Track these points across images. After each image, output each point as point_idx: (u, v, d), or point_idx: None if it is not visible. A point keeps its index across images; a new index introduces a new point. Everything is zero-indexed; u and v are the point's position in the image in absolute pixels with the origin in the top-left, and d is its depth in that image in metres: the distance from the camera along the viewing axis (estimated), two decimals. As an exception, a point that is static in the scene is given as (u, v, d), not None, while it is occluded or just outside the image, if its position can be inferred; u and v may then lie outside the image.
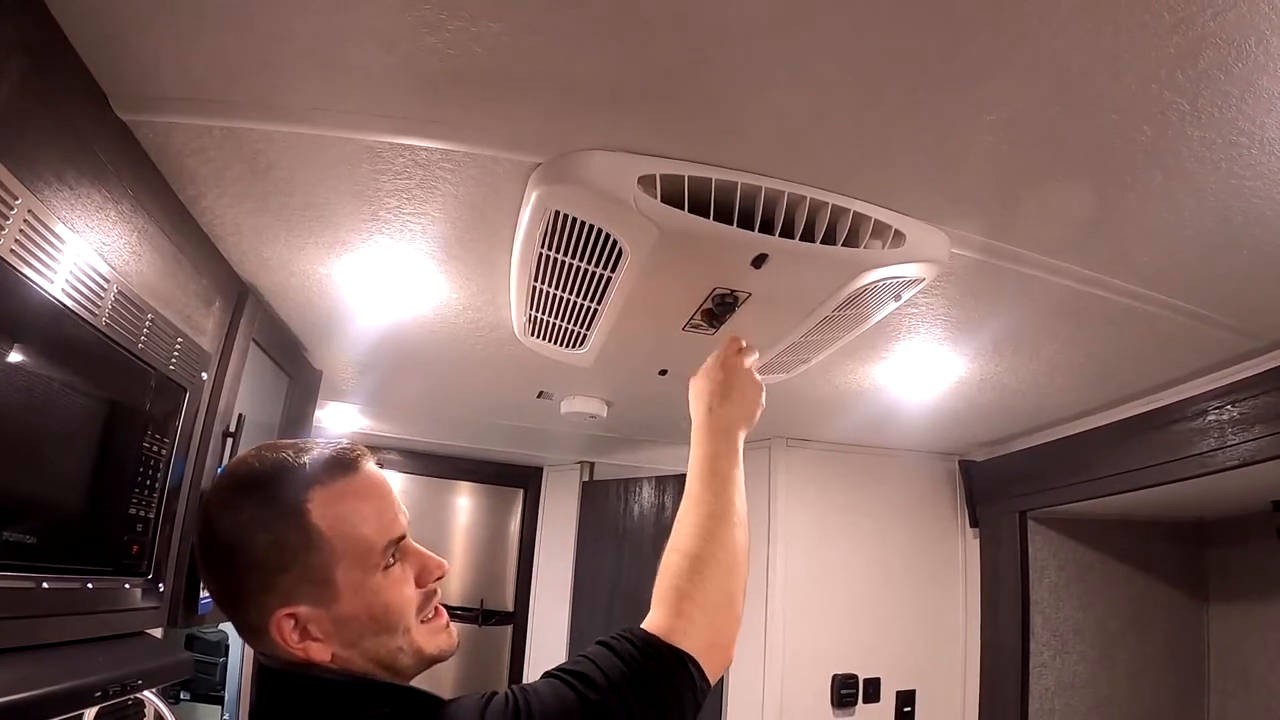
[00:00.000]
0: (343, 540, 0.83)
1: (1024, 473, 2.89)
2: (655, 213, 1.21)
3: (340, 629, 0.83)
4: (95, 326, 1.18)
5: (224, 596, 0.86)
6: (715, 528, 1.05)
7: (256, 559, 0.82)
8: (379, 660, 0.85)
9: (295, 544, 0.82)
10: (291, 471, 0.85)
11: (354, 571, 0.83)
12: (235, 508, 0.83)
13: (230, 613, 0.86)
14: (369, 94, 1.11)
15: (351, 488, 0.86)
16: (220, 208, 1.45)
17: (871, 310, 1.53)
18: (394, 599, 0.86)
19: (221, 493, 0.86)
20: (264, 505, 0.83)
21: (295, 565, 0.82)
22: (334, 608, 0.83)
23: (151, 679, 1.49)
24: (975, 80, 0.99)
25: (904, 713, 2.99)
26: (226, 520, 0.83)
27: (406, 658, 0.87)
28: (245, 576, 0.82)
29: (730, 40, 0.95)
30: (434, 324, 1.97)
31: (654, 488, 3.60)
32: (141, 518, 1.42)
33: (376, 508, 0.87)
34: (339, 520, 0.84)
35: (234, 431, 1.76)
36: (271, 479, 0.85)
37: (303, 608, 0.82)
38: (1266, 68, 0.93)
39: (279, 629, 0.81)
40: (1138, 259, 1.44)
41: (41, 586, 1.14)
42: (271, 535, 0.82)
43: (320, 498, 0.84)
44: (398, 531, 0.88)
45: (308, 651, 0.82)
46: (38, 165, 1.01)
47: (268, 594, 0.82)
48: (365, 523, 0.85)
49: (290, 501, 0.83)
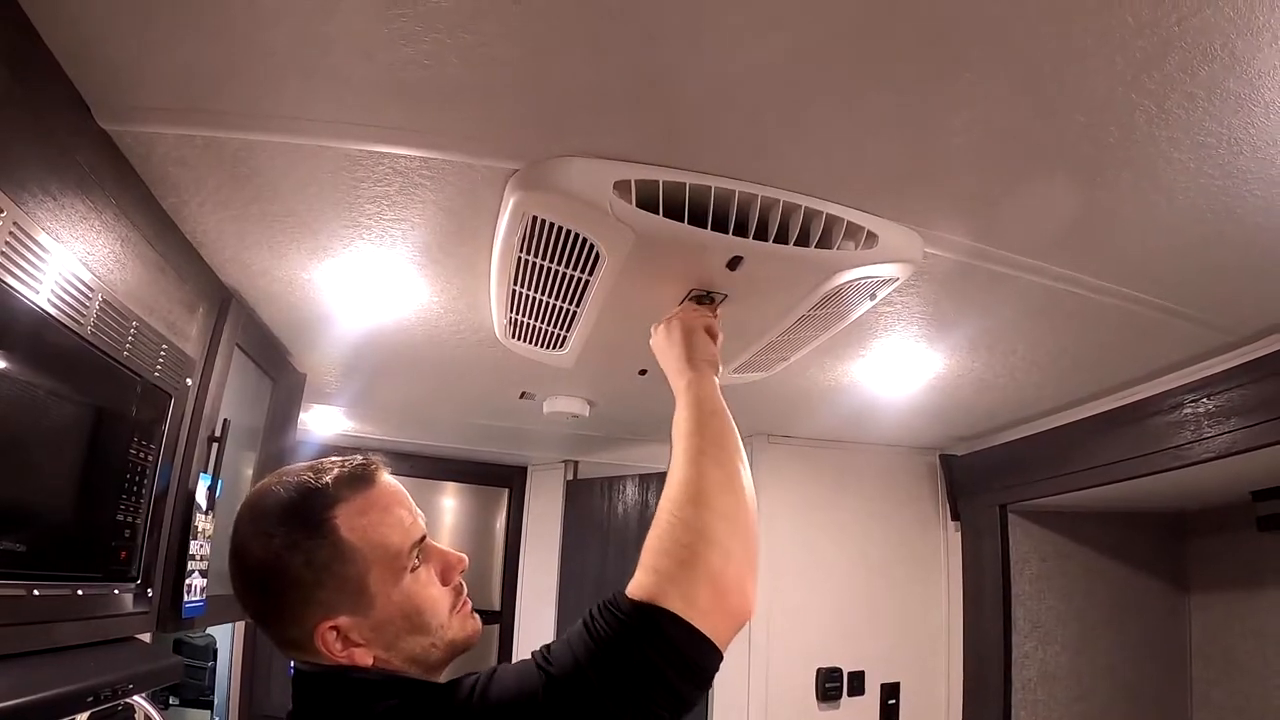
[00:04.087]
0: (372, 549, 0.88)
1: (1004, 466, 2.93)
2: (631, 217, 1.23)
3: (379, 633, 0.88)
4: (80, 335, 1.19)
5: (265, 617, 0.90)
6: (701, 462, 1.02)
7: (293, 578, 0.86)
8: (413, 657, 0.90)
9: (328, 559, 0.86)
10: (315, 492, 0.89)
11: (385, 577, 0.88)
12: (266, 534, 0.87)
13: (273, 631, 0.90)
14: (348, 103, 1.13)
15: (372, 500, 0.91)
16: (202, 215, 1.46)
17: (847, 309, 1.56)
18: (424, 600, 0.91)
19: (250, 522, 0.90)
20: (294, 528, 0.87)
21: (330, 579, 0.86)
22: (371, 614, 0.87)
23: (142, 683, 1.50)
24: (941, 84, 1.02)
25: (889, 705, 3.03)
26: (259, 547, 0.88)
27: (438, 651, 0.92)
28: (285, 596, 0.87)
29: (701, 50, 0.98)
30: (416, 327, 1.99)
31: (637, 485, 3.64)
32: (129, 524, 1.43)
33: (397, 515, 0.92)
34: (366, 531, 0.88)
35: (219, 436, 1.77)
36: (297, 502, 0.89)
37: (343, 618, 0.86)
38: (1232, 70, 0.96)
39: (323, 641, 0.86)
40: (1111, 257, 1.47)
41: (33, 594, 1.16)
42: (305, 555, 0.86)
43: (345, 513, 0.89)
44: (418, 534, 0.93)
45: (352, 658, 0.87)
46: (21, 176, 1.03)
47: (308, 609, 0.86)
48: (390, 530, 0.90)
49: (318, 520, 0.87)
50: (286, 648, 0.90)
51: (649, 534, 0.93)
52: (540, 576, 4.06)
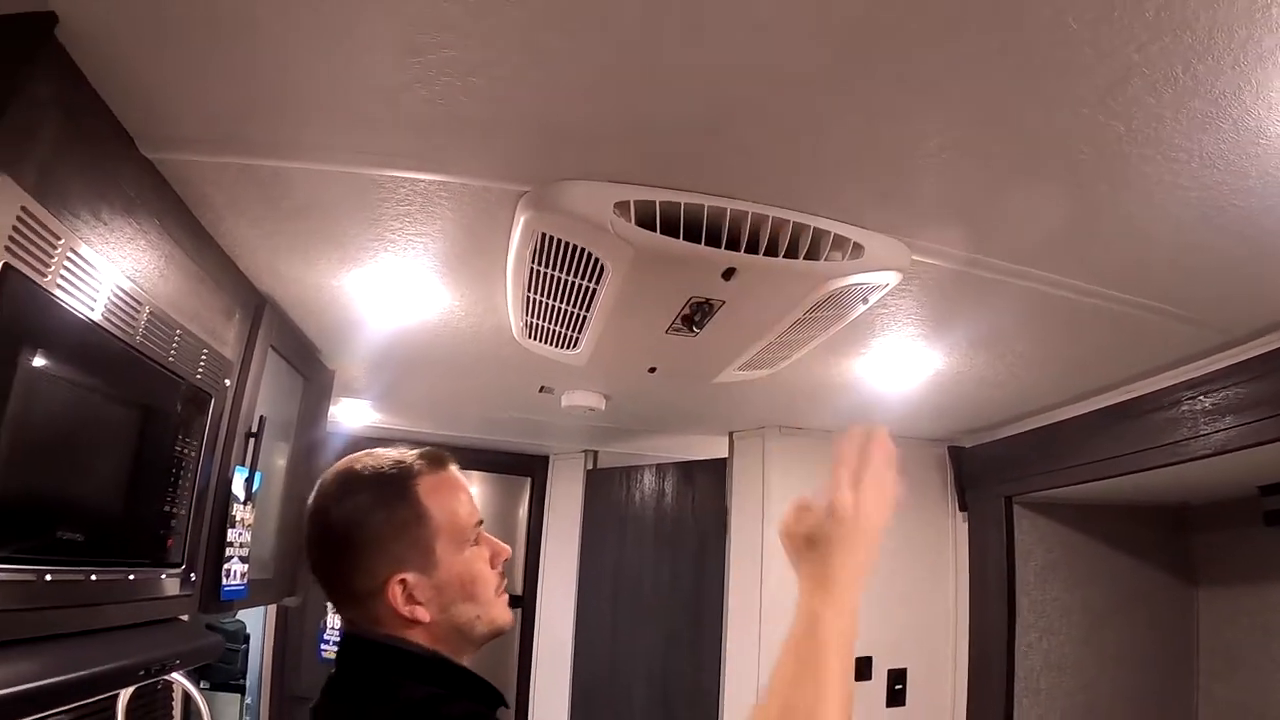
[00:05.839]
0: (443, 517, 1.03)
1: (1008, 459, 2.96)
2: (630, 234, 1.33)
3: (438, 595, 1.00)
4: (130, 345, 1.31)
5: (339, 569, 1.02)
6: None
7: (373, 533, 1.00)
8: (460, 626, 1.02)
9: (408, 518, 1.01)
10: (399, 464, 1.05)
11: (450, 545, 1.02)
12: (352, 494, 1.02)
13: (342, 583, 1.02)
14: (370, 135, 1.23)
15: (444, 479, 1.06)
16: (238, 230, 1.58)
17: (842, 312, 1.65)
18: (480, 571, 1.05)
19: (338, 486, 1.04)
20: (378, 491, 1.02)
21: (406, 535, 1.00)
22: (434, 575, 1.00)
23: (187, 659, 1.63)
24: (914, 110, 1.09)
25: (895, 690, 3.08)
26: (344, 507, 1.01)
27: (482, 625, 1.04)
28: (364, 549, 1.00)
29: (692, 86, 1.06)
30: (439, 328, 2.09)
31: (654, 475, 3.72)
32: (174, 514, 1.54)
33: (463, 496, 1.08)
34: (440, 501, 1.03)
35: (256, 432, 1.88)
36: (383, 471, 1.04)
37: (410, 574, 0.99)
38: (1197, 92, 1.00)
39: (392, 594, 0.98)
40: (1097, 264, 1.53)
41: (90, 578, 1.27)
42: (386, 512, 1.00)
43: (425, 483, 1.04)
44: (478, 517, 1.08)
45: (414, 614, 0.99)
46: (74, 205, 1.14)
47: (383, 562, 0.99)
48: (459, 506, 1.05)
49: (401, 485, 1.03)
50: (350, 602, 1.02)
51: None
52: (561, 562, 4.15)
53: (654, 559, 3.62)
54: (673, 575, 3.54)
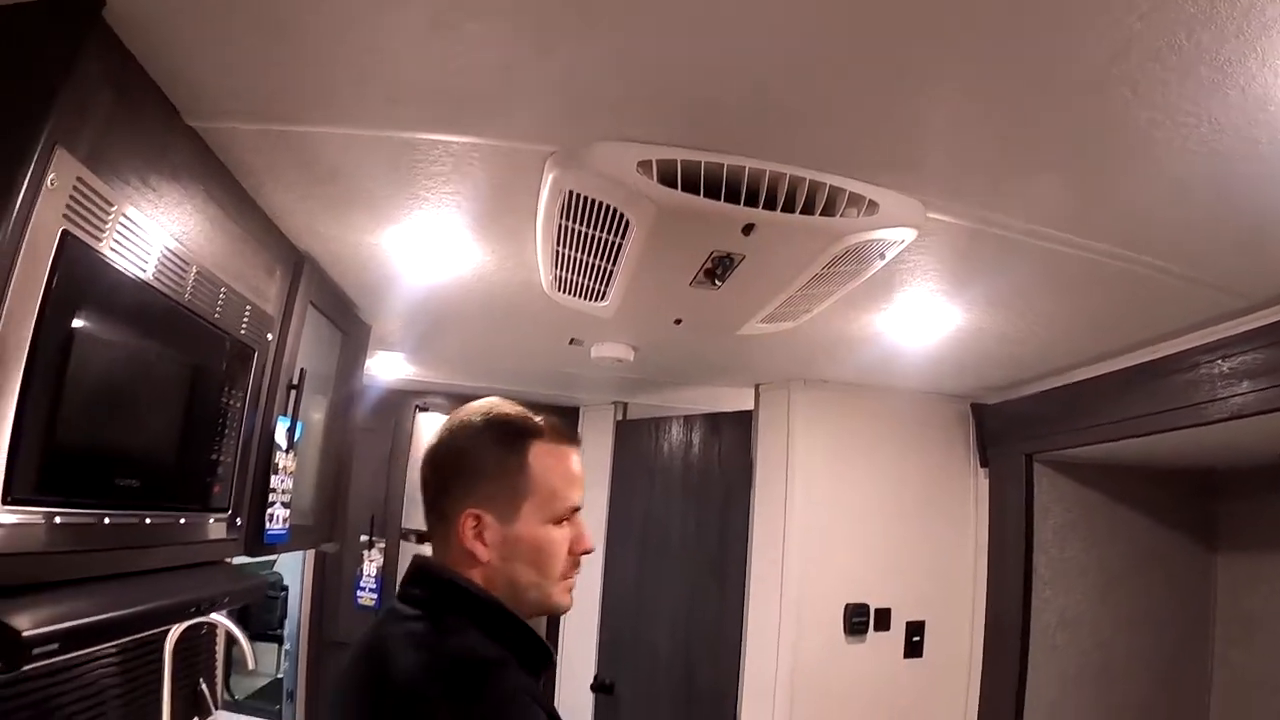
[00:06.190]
0: (541, 482, 1.11)
1: (1030, 417, 2.97)
2: (653, 192, 1.38)
3: (504, 546, 1.09)
4: (179, 303, 1.39)
5: (437, 489, 1.13)
6: None
7: (476, 465, 1.10)
8: (516, 583, 1.10)
9: (510, 467, 1.10)
10: (528, 420, 1.14)
11: (537, 510, 1.10)
12: (479, 429, 1.12)
13: (434, 503, 1.14)
14: (403, 102, 1.29)
15: (562, 454, 1.15)
16: (278, 193, 1.66)
17: (859, 268, 1.69)
18: (555, 548, 1.12)
19: (470, 418, 1.15)
20: (500, 433, 1.12)
21: (501, 481, 1.10)
22: (509, 528, 1.09)
23: (235, 598, 1.74)
24: (925, 74, 1.12)
25: (913, 642, 3.14)
26: (468, 434, 1.13)
27: (535, 594, 1.12)
28: (462, 477, 1.10)
29: (711, 50, 1.10)
30: (471, 283, 2.16)
31: (682, 426, 3.76)
32: (221, 462, 1.64)
33: (571, 476, 1.15)
34: (546, 469, 1.12)
35: (297, 384, 1.97)
36: (513, 419, 1.14)
37: (487, 516, 1.08)
38: (1202, 59, 1.01)
39: (463, 522, 1.08)
40: (1110, 224, 1.54)
41: (145, 522, 1.37)
42: (497, 454, 1.10)
43: (541, 447, 1.12)
44: (578, 501, 1.15)
45: (474, 548, 1.08)
46: (125, 173, 1.21)
47: (470, 493, 1.09)
48: (561, 483, 1.13)
49: (519, 437, 1.12)
50: (435, 523, 1.14)
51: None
52: (591, 512, 4.13)
53: (681, 509, 3.67)
54: (698, 526, 3.58)
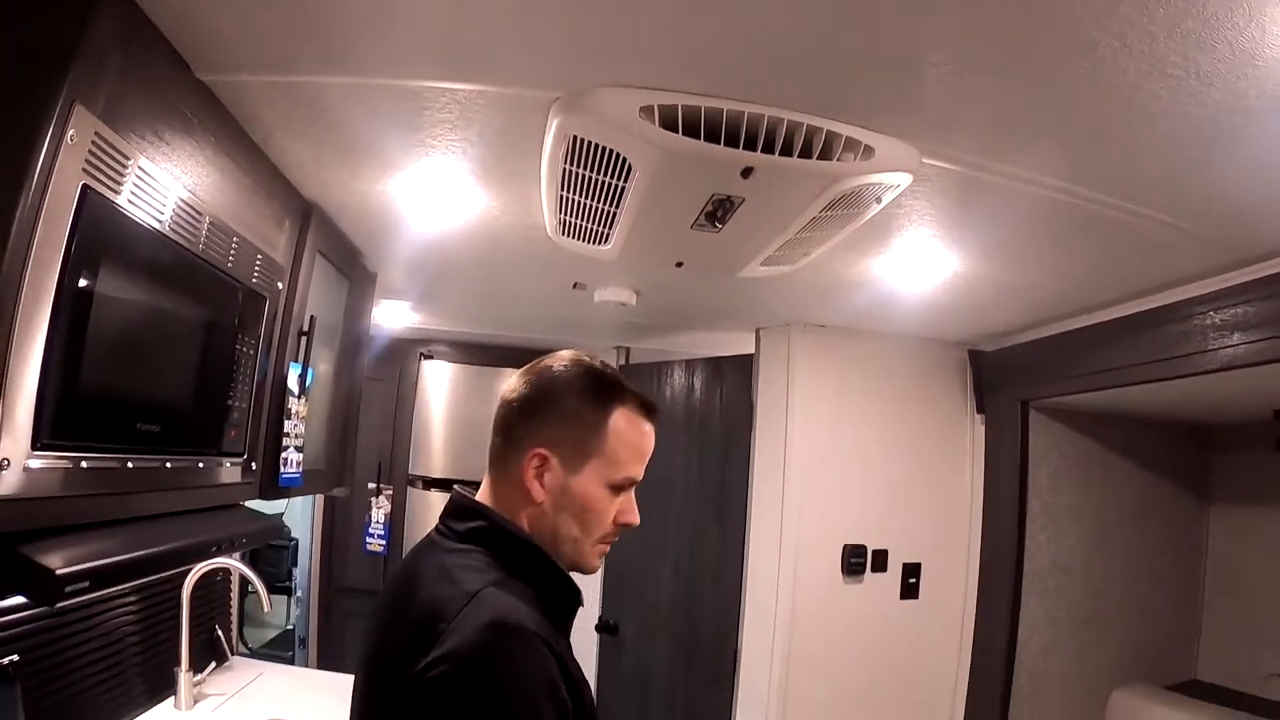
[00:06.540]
0: (613, 445, 1.15)
1: (1026, 364, 3.01)
2: (654, 136, 1.41)
3: (559, 496, 1.14)
4: (194, 253, 1.43)
5: (515, 420, 1.17)
6: None
7: (558, 407, 1.15)
8: (558, 532, 1.15)
9: (589, 420, 1.14)
10: (620, 384, 1.18)
11: (598, 470, 1.15)
12: (573, 375, 1.17)
13: (507, 433, 1.17)
14: (410, 51, 1.32)
15: (639, 424, 1.19)
16: (287, 143, 1.69)
17: (857, 211, 1.72)
18: (603, 510, 1.17)
19: (565, 361, 1.19)
20: (590, 385, 1.16)
21: (575, 431, 1.14)
22: (569, 479, 1.14)
23: (252, 539, 1.81)
24: (920, 19, 1.14)
25: (909, 583, 3.22)
26: (559, 375, 1.17)
27: (571, 549, 1.16)
28: (542, 415, 1.15)
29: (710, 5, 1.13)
30: (477, 228, 2.18)
31: (684, 370, 3.78)
32: (236, 407, 1.69)
33: (641, 449, 1.19)
34: (620, 434, 1.16)
35: (307, 331, 2.02)
36: (605, 376, 1.18)
37: (554, 459, 1.13)
38: (1188, 12, 1.03)
39: (529, 460, 1.13)
40: (1103, 173, 1.56)
41: (165, 466, 1.43)
42: (580, 402, 1.15)
43: (623, 412, 1.17)
44: (638, 476, 1.19)
45: (532, 486, 1.13)
46: (139, 127, 1.24)
47: (544, 434, 1.14)
48: (630, 453, 1.17)
49: (607, 396, 1.16)
50: (502, 452, 1.17)
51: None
52: None
53: (684, 452, 3.71)
54: (701, 469, 3.63)
